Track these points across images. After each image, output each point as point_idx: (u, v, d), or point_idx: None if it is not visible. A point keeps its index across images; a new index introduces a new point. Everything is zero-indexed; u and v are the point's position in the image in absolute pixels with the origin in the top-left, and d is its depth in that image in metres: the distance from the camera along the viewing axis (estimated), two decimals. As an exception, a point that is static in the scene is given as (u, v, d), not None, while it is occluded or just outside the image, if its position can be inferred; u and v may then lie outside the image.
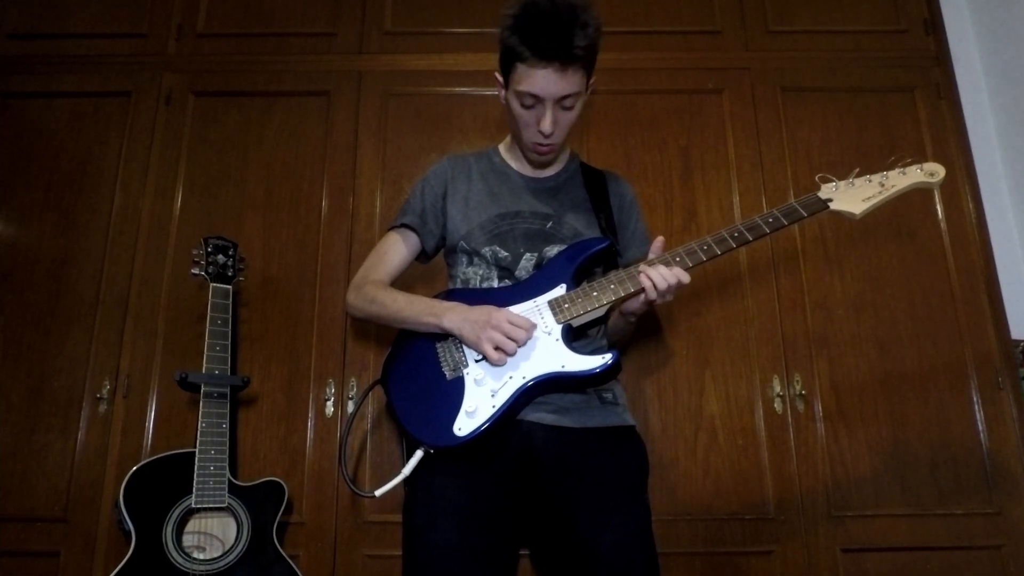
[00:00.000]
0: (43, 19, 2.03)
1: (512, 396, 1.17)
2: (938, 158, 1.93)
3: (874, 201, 1.27)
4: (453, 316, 1.22)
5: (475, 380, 1.19)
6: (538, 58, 1.19)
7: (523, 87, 1.22)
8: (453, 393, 1.19)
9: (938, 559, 1.65)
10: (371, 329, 1.79)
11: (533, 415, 1.20)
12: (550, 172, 1.43)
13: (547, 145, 1.30)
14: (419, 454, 1.17)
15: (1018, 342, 1.79)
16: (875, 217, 1.88)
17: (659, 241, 1.26)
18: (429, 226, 1.40)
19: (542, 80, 1.21)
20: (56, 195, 1.89)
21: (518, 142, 1.37)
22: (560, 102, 1.24)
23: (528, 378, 1.18)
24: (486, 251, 1.32)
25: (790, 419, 1.74)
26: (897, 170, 1.29)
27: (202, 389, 1.58)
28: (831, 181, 1.30)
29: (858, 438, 1.73)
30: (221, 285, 1.67)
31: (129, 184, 1.89)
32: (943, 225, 1.88)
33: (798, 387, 1.76)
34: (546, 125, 1.25)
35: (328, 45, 2.03)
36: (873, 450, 1.72)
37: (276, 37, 2.03)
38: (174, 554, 1.47)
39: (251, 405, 1.75)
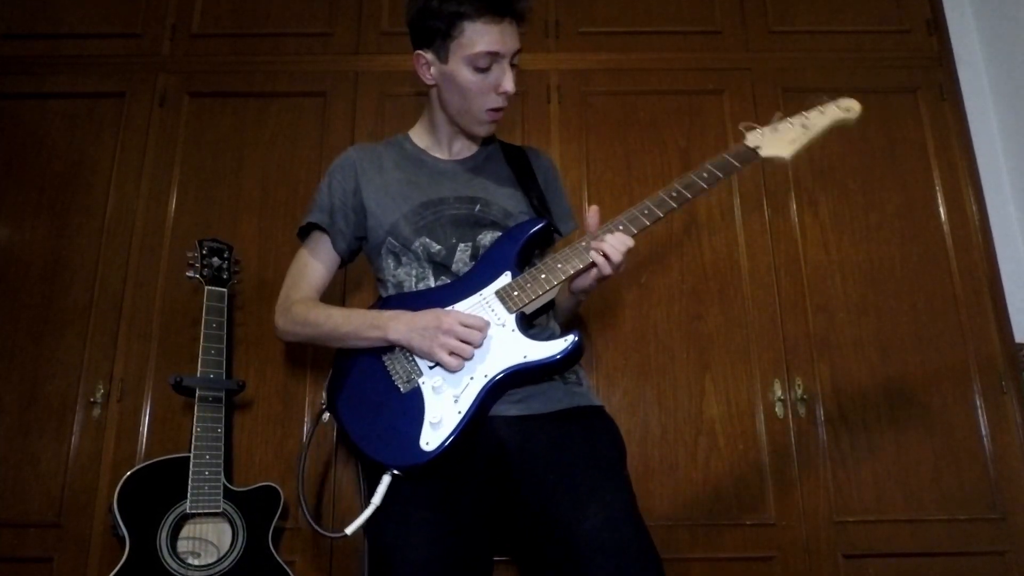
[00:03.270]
0: (36, 19, 2.02)
1: (477, 398, 1.10)
2: (941, 159, 1.92)
3: (800, 143, 1.28)
4: (398, 326, 1.13)
5: (433, 388, 1.11)
6: (492, 13, 1.17)
7: (480, 48, 1.18)
8: (412, 407, 1.11)
9: (941, 565, 1.64)
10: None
11: (497, 411, 1.14)
12: (468, 153, 1.35)
13: (503, 109, 1.26)
14: (387, 479, 1.08)
15: (1022, 345, 1.77)
16: (877, 218, 1.88)
17: (595, 210, 1.21)
18: (339, 225, 1.30)
19: (499, 35, 1.18)
20: (49, 197, 1.87)
21: (463, 118, 1.28)
22: (512, 59, 1.21)
23: (490, 376, 1.11)
24: (416, 246, 1.23)
25: (791, 423, 1.73)
26: (816, 110, 1.31)
27: (197, 393, 1.57)
28: (755, 128, 1.30)
29: (860, 442, 1.72)
30: (216, 288, 1.66)
31: (123, 186, 1.88)
32: (946, 227, 1.87)
33: (799, 391, 1.74)
34: (509, 83, 1.21)
35: (324, 45, 2.01)
36: (875, 455, 1.71)
37: (272, 37, 2.01)
38: (168, 560, 1.46)
39: (246, 409, 1.73)
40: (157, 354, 1.76)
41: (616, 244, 1.14)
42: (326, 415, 1.19)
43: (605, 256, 1.15)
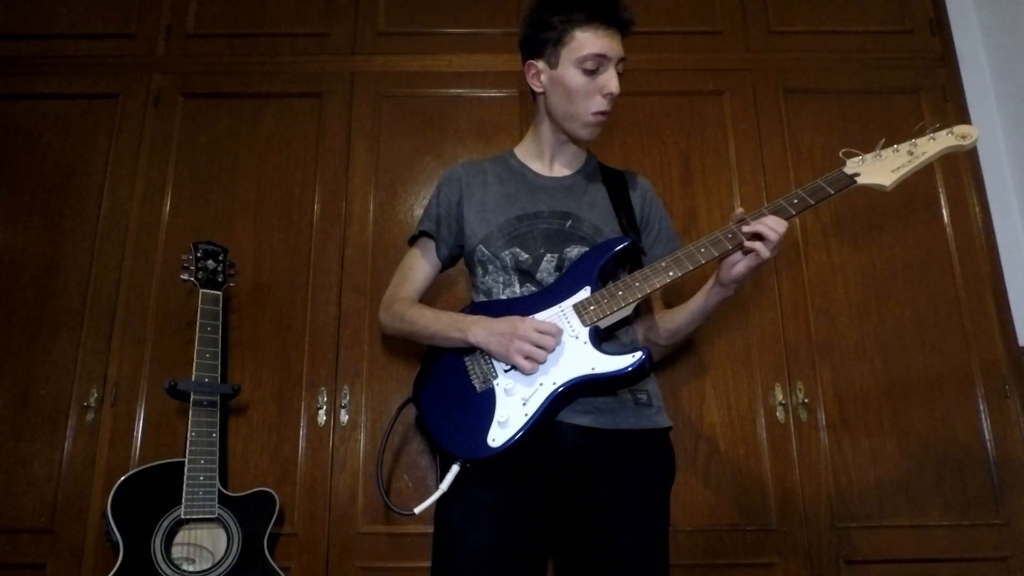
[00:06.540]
0: (29, 19, 2.00)
1: (544, 403, 1.18)
2: (943, 161, 1.90)
3: (904, 171, 1.21)
4: (478, 330, 1.23)
5: (505, 390, 1.20)
6: (600, 21, 1.27)
7: (588, 51, 1.27)
8: (485, 405, 1.20)
9: (944, 571, 1.63)
10: (364, 337, 1.77)
11: (567, 417, 1.21)
12: (568, 171, 1.42)
13: (607, 112, 1.32)
14: (455, 469, 1.18)
15: (1025, 349, 1.76)
16: (879, 220, 1.86)
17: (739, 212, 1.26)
18: (442, 233, 1.41)
19: (608, 40, 1.27)
20: (42, 199, 1.86)
21: (569, 122, 1.34)
22: (616, 65, 1.30)
23: (559, 384, 1.18)
24: (505, 255, 1.31)
25: (792, 428, 1.71)
26: (927, 136, 1.25)
27: (191, 397, 1.56)
28: (856, 155, 1.26)
29: (862, 447, 1.70)
30: (211, 291, 1.65)
31: (117, 188, 1.86)
32: (949, 230, 1.85)
33: (800, 395, 1.73)
34: (614, 84, 1.28)
35: (320, 46, 2.00)
36: (877, 460, 1.70)
37: (267, 38, 2.00)
38: (163, 566, 1.45)
39: (242, 413, 1.72)
40: (151, 358, 1.75)
41: (773, 225, 1.17)
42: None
43: (763, 234, 1.19)
